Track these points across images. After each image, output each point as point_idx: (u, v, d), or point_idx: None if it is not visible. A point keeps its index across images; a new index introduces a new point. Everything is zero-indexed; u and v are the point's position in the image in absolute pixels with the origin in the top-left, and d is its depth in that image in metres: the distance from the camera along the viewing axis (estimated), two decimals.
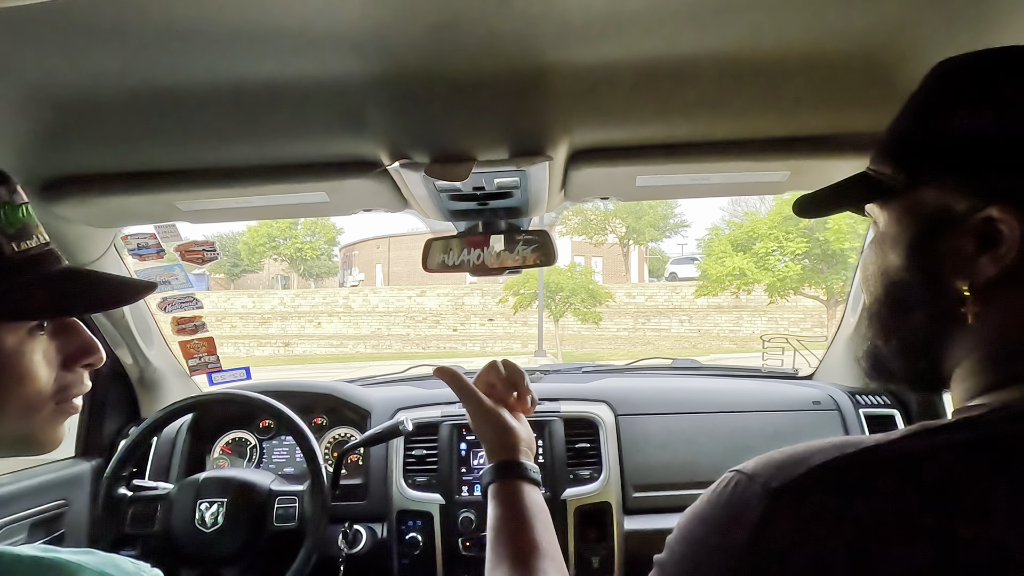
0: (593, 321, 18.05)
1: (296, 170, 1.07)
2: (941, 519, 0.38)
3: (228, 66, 0.78)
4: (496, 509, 0.72)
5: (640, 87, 0.88)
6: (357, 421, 1.70)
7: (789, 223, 14.55)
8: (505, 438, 0.78)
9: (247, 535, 1.31)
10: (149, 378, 1.72)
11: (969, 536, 0.37)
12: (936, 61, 0.81)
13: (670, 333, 19.69)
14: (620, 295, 20.70)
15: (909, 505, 0.39)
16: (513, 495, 0.72)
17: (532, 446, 0.80)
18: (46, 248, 0.60)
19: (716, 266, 15.64)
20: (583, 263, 23.32)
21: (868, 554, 0.38)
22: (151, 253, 1.48)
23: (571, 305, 17.73)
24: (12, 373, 0.55)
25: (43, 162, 1.02)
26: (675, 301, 20.82)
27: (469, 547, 1.47)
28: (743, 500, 0.43)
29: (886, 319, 0.54)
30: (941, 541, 0.37)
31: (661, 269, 30.20)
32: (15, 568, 0.46)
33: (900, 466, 0.41)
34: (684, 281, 22.27)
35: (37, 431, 0.59)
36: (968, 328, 0.47)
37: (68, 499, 1.48)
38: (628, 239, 27.51)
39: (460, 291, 22.21)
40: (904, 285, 0.52)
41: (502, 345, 19.69)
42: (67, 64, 0.76)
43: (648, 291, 22.26)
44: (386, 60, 0.78)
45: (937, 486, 0.39)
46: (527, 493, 0.73)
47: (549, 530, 0.70)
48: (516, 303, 18.25)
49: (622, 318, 20.19)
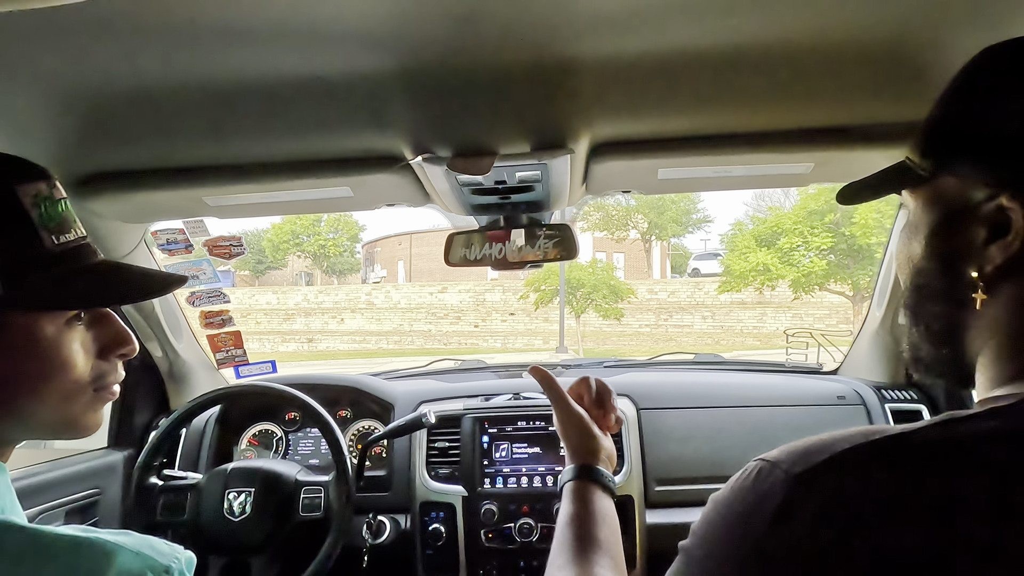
0: (615, 317, 17.97)
1: (320, 165, 1.09)
2: (965, 509, 0.38)
3: (255, 64, 0.80)
4: (569, 506, 0.75)
5: (662, 79, 0.88)
6: (380, 414, 1.73)
7: (814, 218, 14.33)
8: (589, 443, 0.81)
9: (274, 524, 1.34)
10: (178, 371, 1.76)
11: (993, 528, 0.37)
12: (958, 51, 0.80)
13: (692, 329, 19.55)
14: (642, 291, 20.60)
15: (933, 494, 0.38)
16: (586, 496, 0.75)
17: (613, 459, 0.82)
18: (83, 242, 0.62)
19: (739, 262, 15.47)
20: (604, 259, 23.25)
21: (889, 541, 0.38)
22: (180, 248, 1.51)
23: (592, 301, 17.68)
24: (53, 361, 0.57)
25: (78, 159, 1.04)
26: (698, 297, 20.65)
27: (491, 539, 1.48)
28: (766, 487, 0.43)
29: (913, 307, 0.55)
30: (963, 531, 0.37)
31: (683, 265, 29.95)
32: (56, 546, 0.48)
33: (926, 454, 0.41)
34: (707, 277, 22.06)
35: (78, 416, 0.61)
36: (981, 315, 0.48)
37: (101, 488, 1.52)
38: (650, 235, 27.33)
39: (481, 287, 22.27)
40: (925, 272, 0.53)
41: (523, 341, 19.71)
42: (102, 64, 0.78)
43: (670, 287, 22.10)
44: (408, 55, 0.79)
45: (963, 476, 0.39)
46: (599, 497, 0.75)
47: (615, 533, 0.72)
48: (537, 299, 18.24)
49: (644, 314, 20.09)
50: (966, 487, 0.38)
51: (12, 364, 0.55)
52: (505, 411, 1.60)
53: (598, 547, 0.69)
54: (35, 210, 0.57)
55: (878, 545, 0.38)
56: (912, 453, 0.41)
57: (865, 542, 0.38)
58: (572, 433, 0.83)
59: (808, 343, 1.94)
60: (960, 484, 0.39)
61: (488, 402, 1.65)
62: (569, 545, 0.69)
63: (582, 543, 0.69)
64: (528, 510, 1.48)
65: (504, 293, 21.90)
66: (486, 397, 1.68)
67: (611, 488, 0.77)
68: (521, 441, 1.56)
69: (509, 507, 1.49)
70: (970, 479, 0.39)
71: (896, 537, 0.38)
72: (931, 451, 0.41)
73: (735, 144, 1.05)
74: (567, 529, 0.71)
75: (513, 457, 1.55)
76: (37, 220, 0.57)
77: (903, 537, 0.38)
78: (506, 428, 1.58)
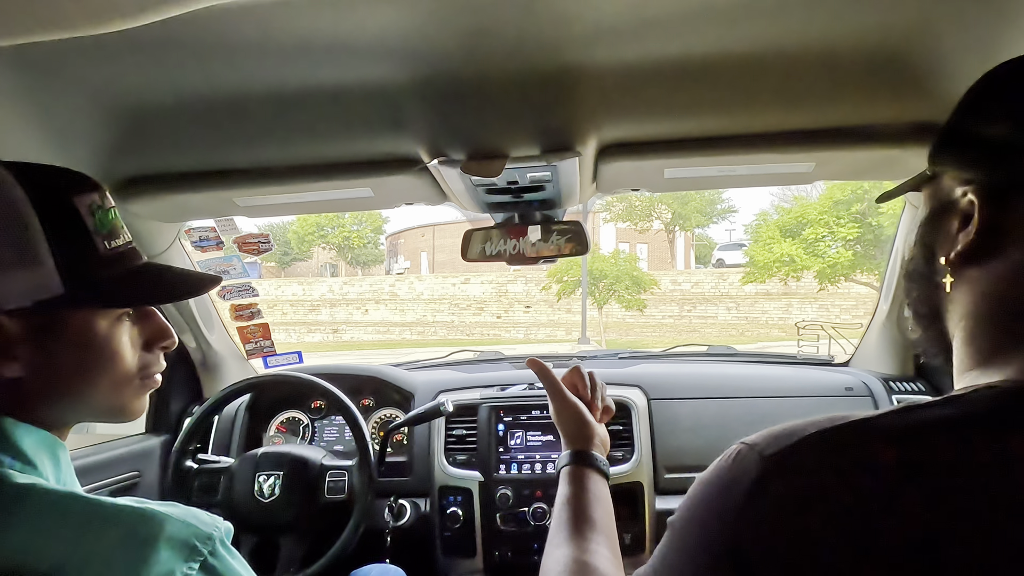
0: (637, 308, 17.89)
1: (343, 168, 1.16)
2: (919, 492, 0.41)
3: (285, 76, 0.87)
4: (565, 488, 0.80)
5: (664, 85, 0.92)
6: (401, 402, 1.80)
7: (840, 208, 14.08)
8: (583, 430, 0.86)
9: (301, 505, 1.42)
10: (210, 361, 1.85)
11: (945, 509, 0.40)
12: (948, 59, 0.84)
13: (717, 320, 19.38)
14: (665, 282, 20.46)
15: (891, 476, 0.42)
16: (582, 479, 0.80)
17: (606, 443, 0.88)
18: (130, 246, 0.69)
19: (763, 252, 15.26)
20: (627, 250, 23.08)
21: (851, 519, 0.41)
22: (211, 245, 1.60)
23: (615, 292, 17.61)
24: (106, 353, 0.65)
25: (120, 165, 1.13)
26: (722, 288, 20.44)
27: (506, 522, 1.55)
28: (742, 467, 0.47)
29: (905, 292, 0.61)
30: (917, 512, 0.40)
31: (708, 255, 29.63)
32: (115, 514, 0.55)
33: (886, 439, 0.44)
34: (731, 268, 21.80)
35: (127, 402, 0.68)
36: (952, 298, 0.53)
37: (140, 470, 1.62)
38: (674, 225, 27.09)
39: (504, 278, 22.28)
40: (913, 260, 0.58)
41: (546, 332, 19.72)
42: (143, 79, 0.86)
43: (694, 278, 21.89)
44: (424, 66, 0.85)
45: (917, 459, 0.42)
46: (594, 480, 0.80)
47: (609, 514, 0.77)
48: (559, 290, 18.22)
49: (667, 305, 19.97)
50: (922, 473, 0.42)
51: (72, 356, 0.62)
52: (520, 400, 1.66)
53: (593, 525, 0.74)
54: (90, 218, 0.64)
55: (841, 523, 0.41)
56: (873, 438, 0.44)
57: (829, 520, 0.42)
58: (567, 421, 0.88)
59: (820, 335, 1.95)
60: (917, 470, 0.42)
61: (504, 392, 1.71)
62: (566, 524, 0.74)
63: (579, 522, 0.74)
64: (541, 495, 1.54)
65: (527, 284, 21.89)
66: (502, 387, 1.75)
67: (604, 471, 0.82)
68: (535, 429, 1.63)
69: (523, 492, 1.55)
70: (925, 465, 0.42)
71: (857, 517, 0.41)
72: (891, 436, 0.44)
73: (738, 145, 1.09)
74: (564, 509, 0.76)
75: (527, 444, 1.61)
76: (92, 228, 0.64)
77: (864, 517, 0.41)
78: (520, 417, 1.64)
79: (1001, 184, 0.49)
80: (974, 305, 0.52)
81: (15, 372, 0.59)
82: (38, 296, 0.59)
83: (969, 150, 0.53)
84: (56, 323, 0.61)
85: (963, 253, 0.51)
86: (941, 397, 0.47)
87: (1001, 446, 0.42)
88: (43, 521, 0.53)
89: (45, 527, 0.53)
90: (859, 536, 0.41)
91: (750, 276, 16.43)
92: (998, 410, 0.45)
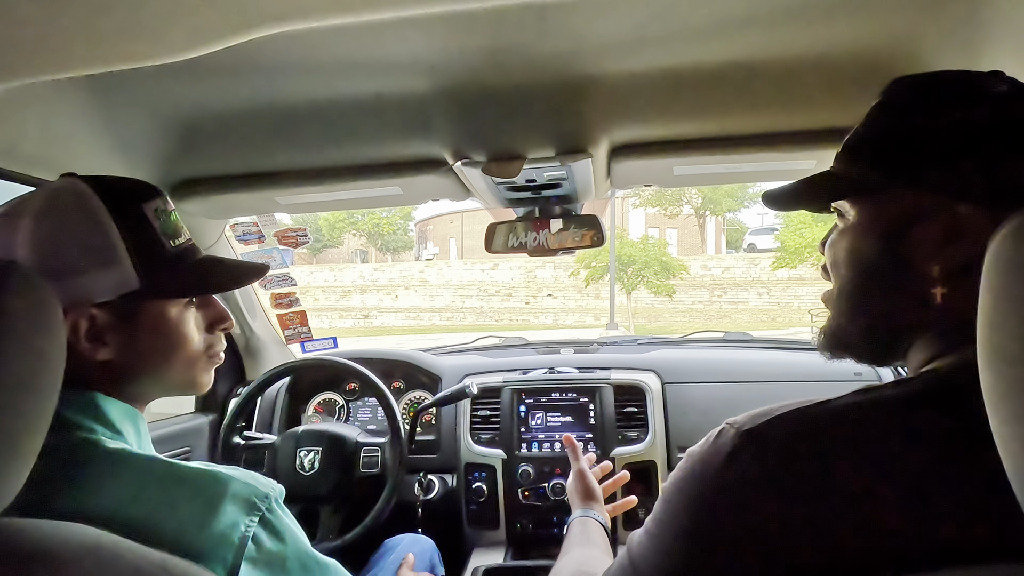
0: (666, 294, 17.77)
1: (375, 168, 1.25)
2: (865, 462, 0.47)
3: (323, 89, 0.97)
4: (571, 532, 1.01)
5: (669, 91, 0.99)
6: (430, 385, 1.90)
7: None
8: (589, 496, 1.10)
9: (338, 478, 1.52)
10: (253, 346, 1.97)
11: (876, 474, 0.47)
12: (934, 65, 0.90)
13: (748, 306, 19.14)
14: (695, 267, 20.23)
15: (840, 449, 0.48)
16: (587, 527, 1.02)
17: (602, 503, 1.11)
18: (190, 243, 0.79)
19: (795, 237, 15.02)
20: (657, 235, 22.87)
21: (811, 488, 0.48)
22: (253, 239, 1.71)
23: (644, 278, 17.52)
24: (177, 335, 0.75)
25: (175, 169, 1.24)
26: (753, 273, 20.14)
27: (527, 496, 1.65)
28: (722, 441, 0.54)
29: (857, 300, 0.62)
30: (852, 478, 0.47)
31: (739, 240, 29.20)
32: (189, 475, 0.64)
33: (841, 418, 0.51)
34: (763, 253, 21.44)
35: (196, 377, 0.79)
36: (934, 308, 0.55)
37: (191, 446, 1.75)
38: (704, 210, 26.70)
39: (532, 264, 22.21)
40: (876, 270, 0.60)
41: (574, 318, 19.72)
42: (197, 95, 0.97)
43: (725, 263, 21.59)
44: (448, 79, 0.94)
45: (864, 434, 0.49)
46: (595, 528, 1.02)
47: (607, 551, 0.95)
48: (588, 276, 18.16)
49: (697, 291, 19.77)
50: (870, 445, 0.48)
51: (150, 339, 0.73)
52: (541, 383, 1.76)
53: (595, 546, 0.95)
54: (156, 222, 0.74)
55: (804, 492, 0.48)
56: (832, 417, 0.51)
57: (794, 489, 0.48)
58: (579, 489, 1.12)
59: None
60: (864, 443, 0.48)
61: (526, 375, 1.81)
62: (575, 546, 0.96)
63: (583, 545, 0.95)
64: (560, 472, 1.64)
65: (555, 270, 21.83)
66: (524, 371, 1.84)
67: (603, 524, 1.04)
68: (555, 410, 1.72)
69: (543, 469, 1.65)
70: (872, 438, 0.48)
71: (816, 485, 0.48)
72: (846, 415, 0.51)
73: (743, 144, 1.15)
74: (572, 539, 0.99)
75: (547, 425, 1.71)
76: (159, 229, 0.74)
77: (821, 484, 0.47)
78: (541, 399, 1.73)
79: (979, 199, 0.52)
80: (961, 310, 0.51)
81: (106, 355, 0.69)
82: (120, 291, 0.69)
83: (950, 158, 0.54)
84: (135, 313, 0.71)
85: (963, 265, 0.53)
86: (892, 381, 0.54)
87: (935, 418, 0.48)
88: (129, 480, 0.62)
89: (131, 485, 0.62)
90: (813, 503, 0.47)
91: (781, 261, 16.18)
92: (935, 390, 0.50)
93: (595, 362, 1.87)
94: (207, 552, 0.59)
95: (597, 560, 0.87)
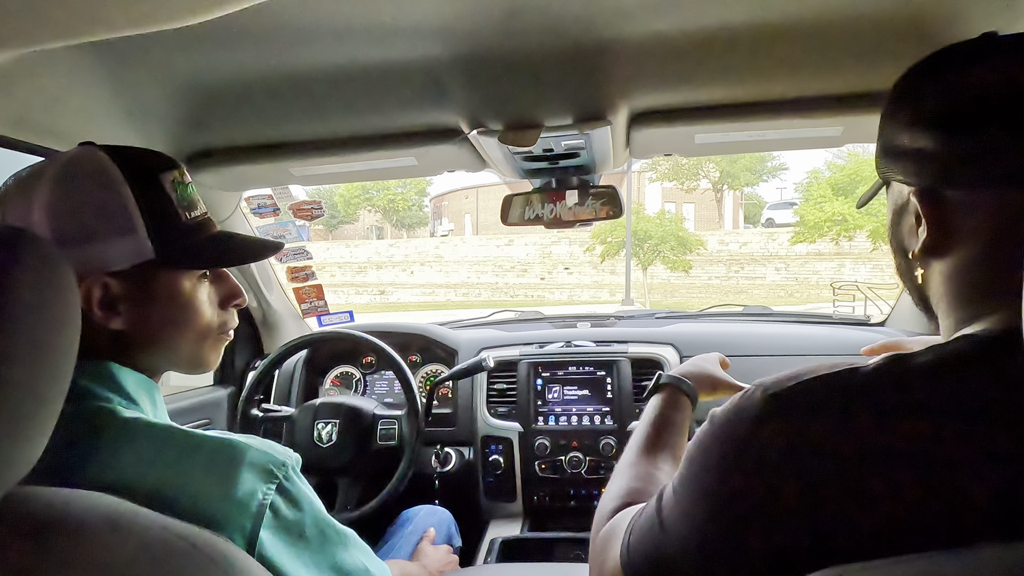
0: (683, 269, 17.68)
1: (390, 139, 1.23)
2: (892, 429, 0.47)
3: (337, 57, 0.94)
4: (649, 408, 0.92)
5: (692, 55, 0.96)
6: (446, 359, 1.90)
7: None
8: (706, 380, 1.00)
9: (356, 450, 1.54)
10: (270, 319, 1.99)
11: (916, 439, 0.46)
12: (968, 22, 0.85)
13: (765, 282, 19.01)
14: (712, 242, 20.10)
15: (866, 416, 0.48)
16: (667, 405, 0.91)
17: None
18: (206, 216, 0.78)
19: (814, 211, 14.82)
20: (673, 210, 22.68)
21: (836, 452, 0.47)
22: (268, 211, 1.70)
23: (660, 253, 17.42)
24: (189, 309, 0.75)
25: (189, 139, 1.23)
26: (771, 248, 19.98)
27: (544, 469, 1.65)
28: (750, 402, 0.53)
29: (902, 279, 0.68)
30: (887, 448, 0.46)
31: (757, 215, 28.87)
32: (206, 443, 0.64)
33: (868, 385, 0.50)
34: (781, 227, 21.20)
35: (205, 353, 0.78)
36: (926, 286, 0.61)
37: (211, 418, 1.77)
38: (722, 184, 26.37)
39: (547, 240, 22.21)
40: (895, 251, 0.66)
41: (590, 294, 19.72)
42: (210, 63, 0.95)
43: (742, 238, 21.41)
44: (463, 44, 0.92)
45: (892, 400, 0.48)
46: (675, 412, 0.90)
47: (676, 457, 0.85)
48: (604, 251, 18.10)
49: (714, 266, 19.66)
50: (898, 413, 0.47)
51: (162, 311, 0.72)
52: (558, 357, 1.75)
53: (664, 448, 0.83)
54: (173, 193, 0.73)
55: (827, 454, 0.47)
56: (860, 382, 0.50)
57: (817, 452, 0.48)
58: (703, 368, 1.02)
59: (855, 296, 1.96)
60: (892, 411, 0.47)
61: (542, 349, 1.80)
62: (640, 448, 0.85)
63: (649, 451, 0.84)
64: (577, 445, 1.64)
65: (571, 246, 21.79)
66: (541, 344, 1.83)
67: (692, 396, 0.93)
68: (571, 384, 1.71)
69: (560, 442, 1.65)
70: (902, 406, 0.47)
71: (830, 447, 0.47)
72: (873, 381, 0.50)
73: (767, 110, 1.11)
74: (644, 425, 0.88)
75: (564, 398, 1.70)
76: (176, 201, 0.73)
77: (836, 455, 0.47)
78: (558, 372, 1.73)
79: (935, 187, 0.55)
80: (944, 290, 0.58)
81: (119, 325, 0.69)
82: (135, 260, 0.69)
83: (901, 157, 0.58)
84: (149, 283, 0.71)
85: (924, 249, 0.57)
86: (921, 350, 0.52)
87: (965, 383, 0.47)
88: (146, 449, 0.63)
89: (148, 454, 0.62)
90: (837, 467, 0.47)
91: (800, 236, 16.00)
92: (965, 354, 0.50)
93: (612, 336, 1.86)
94: (225, 520, 0.59)
95: (659, 475, 0.80)
